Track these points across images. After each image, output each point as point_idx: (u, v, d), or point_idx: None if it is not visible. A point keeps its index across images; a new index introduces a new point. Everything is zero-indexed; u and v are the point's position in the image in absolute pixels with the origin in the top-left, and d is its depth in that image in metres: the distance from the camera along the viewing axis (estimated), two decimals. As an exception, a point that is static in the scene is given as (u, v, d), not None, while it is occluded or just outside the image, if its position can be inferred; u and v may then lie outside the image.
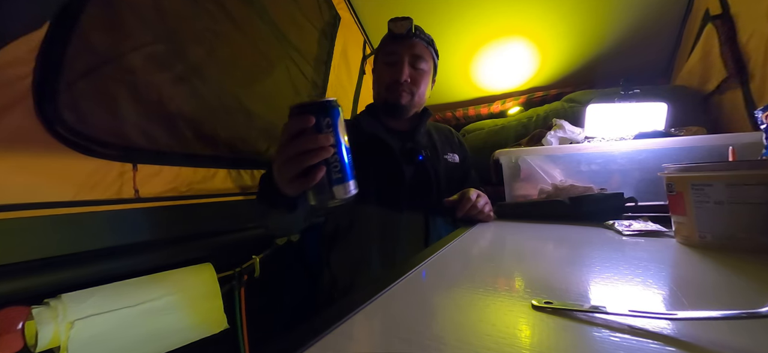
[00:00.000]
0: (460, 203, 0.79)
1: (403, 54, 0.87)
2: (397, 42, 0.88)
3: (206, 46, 0.85)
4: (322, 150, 0.41)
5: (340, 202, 0.44)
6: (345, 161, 0.43)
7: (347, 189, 0.44)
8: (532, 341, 0.23)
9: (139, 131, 0.72)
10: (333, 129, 0.42)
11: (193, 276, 0.75)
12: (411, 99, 0.89)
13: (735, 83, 1.00)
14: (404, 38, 0.87)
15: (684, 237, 0.48)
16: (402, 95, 0.87)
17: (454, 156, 0.98)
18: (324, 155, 0.42)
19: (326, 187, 0.43)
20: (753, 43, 0.92)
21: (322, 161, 0.42)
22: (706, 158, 0.82)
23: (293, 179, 0.43)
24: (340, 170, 0.43)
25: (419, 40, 0.88)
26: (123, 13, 0.66)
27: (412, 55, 0.87)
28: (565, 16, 1.39)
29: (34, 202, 0.56)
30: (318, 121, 0.41)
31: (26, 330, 0.52)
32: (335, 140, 0.42)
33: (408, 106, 0.89)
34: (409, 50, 0.87)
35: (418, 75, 0.89)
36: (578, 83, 1.59)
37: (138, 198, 0.71)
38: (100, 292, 0.60)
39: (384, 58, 0.90)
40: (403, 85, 0.87)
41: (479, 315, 0.28)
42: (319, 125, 0.41)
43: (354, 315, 0.29)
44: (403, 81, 0.86)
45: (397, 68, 0.87)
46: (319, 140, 0.41)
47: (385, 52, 0.90)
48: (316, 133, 0.41)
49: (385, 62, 0.89)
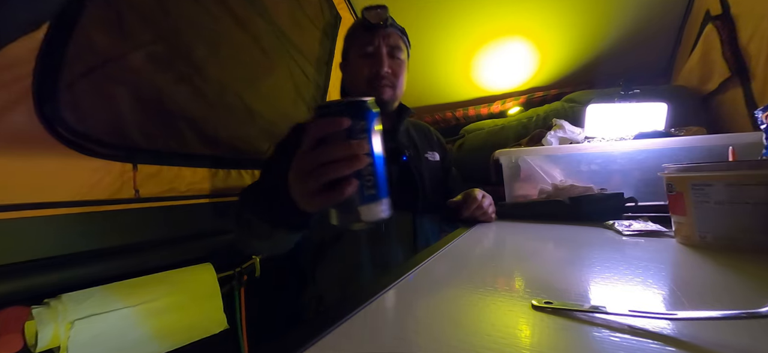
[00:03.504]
0: (466, 204, 0.78)
1: (381, 45, 0.80)
2: (373, 32, 0.81)
3: (207, 45, 0.85)
4: (356, 160, 0.35)
5: (367, 224, 0.37)
6: (380, 174, 0.37)
7: (380, 209, 0.37)
8: (532, 341, 0.23)
9: (139, 131, 0.72)
10: (367, 135, 0.36)
11: (193, 276, 0.75)
12: (393, 93, 0.83)
13: (736, 83, 1.00)
14: (380, 27, 0.80)
15: (684, 237, 0.47)
16: (384, 89, 0.81)
17: (435, 155, 0.94)
18: (357, 165, 0.35)
19: (355, 205, 0.36)
20: (754, 43, 0.92)
21: (354, 173, 0.35)
22: (706, 158, 0.82)
23: (316, 193, 0.37)
24: (374, 185, 0.36)
25: (394, 29, 0.83)
26: (123, 12, 0.66)
27: (390, 45, 0.81)
28: (565, 16, 1.39)
29: (34, 202, 0.56)
30: (352, 124, 0.35)
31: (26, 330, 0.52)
32: (370, 149, 0.36)
33: (391, 101, 0.83)
34: (386, 40, 0.81)
35: (398, 66, 0.83)
36: (578, 83, 1.59)
37: (138, 198, 0.71)
38: (100, 292, 0.60)
39: (359, 51, 0.81)
40: (385, 79, 0.80)
41: (479, 315, 0.28)
42: (352, 129, 0.35)
43: (354, 315, 0.29)
44: (384, 74, 0.80)
45: (377, 60, 0.79)
46: (352, 147, 0.35)
47: (359, 44, 0.82)
48: (348, 139, 0.35)
49: (361, 55, 0.81)
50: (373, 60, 0.80)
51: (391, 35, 0.82)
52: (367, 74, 0.80)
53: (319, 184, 0.36)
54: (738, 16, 0.99)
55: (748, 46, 0.95)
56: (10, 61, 0.52)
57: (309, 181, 0.37)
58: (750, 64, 0.95)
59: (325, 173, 0.35)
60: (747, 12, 0.95)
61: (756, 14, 0.91)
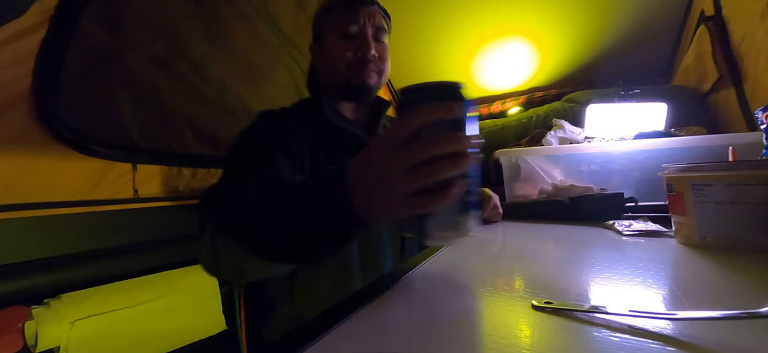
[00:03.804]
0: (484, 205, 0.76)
1: (366, 25, 0.70)
2: (355, 9, 0.70)
3: (207, 45, 0.85)
4: (466, 157, 0.29)
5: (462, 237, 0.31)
6: (477, 176, 0.31)
7: (474, 221, 0.32)
8: (532, 341, 0.23)
9: (139, 131, 0.72)
10: (464, 127, 0.30)
11: (193, 276, 0.75)
12: (379, 79, 0.73)
13: (728, 84, 1.00)
14: (364, 4, 0.70)
15: (684, 237, 0.47)
16: (371, 74, 0.70)
17: None
18: (467, 163, 0.29)
19: (456, 212, 0.30)
20: (746, 44, 0.92)
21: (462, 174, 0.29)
22: (706, 158, 0.82)
23: (410, 197, 0.30)
24: (473, 191, 0.31)
25: (378, 7, 0.73)
26: (123, 12, 0.66)
27: (375, 26, 0.71)
28: (565, 16, 1.39)
29: (34, 202, 0.56)
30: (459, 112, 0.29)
31: (26, 330, 0.52)
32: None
33: (376, 87, 0.73)
34: (371, 20, 0.70)
35: (383, 50, 0.73)
36: (578, 83, 1.59)
37: (137, 198, 0.71)
38: (100, 292, 0.60)
39: (340, 31, 0.70)
40: (372, 62, 0.70)
41: (479, 315, 0.28)
42: (457, 119, 0.29)
43: (353, 315, 0.29)
44: (372, 57, 0.70)
45: (363, 41, 0.69)
46: (463, 141, 0.29)
47: (339, 22, 0.70)
48: (455, 130, 0.29)
49: (342, 36, 0.70)
50: (357, 41, 0.70)
51: (376, 14, 0.72)
52: (350, 58, 0.70)
53: (418, 187, 0.29)
54: (730, 17, 0.99)
55: (740, 47, 0.95)
56: (10, 61, 0.52)
57: (409, 181, 0.29)
58: (742, 64, 0.95)
59: (436, 172, 0.29)
60: (739, 13, 0.95)
61: (748, 15, 0.91)
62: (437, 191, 0.29)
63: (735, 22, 0.97)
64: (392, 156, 0.30)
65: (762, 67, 0.86)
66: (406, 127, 0.29)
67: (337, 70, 0.71)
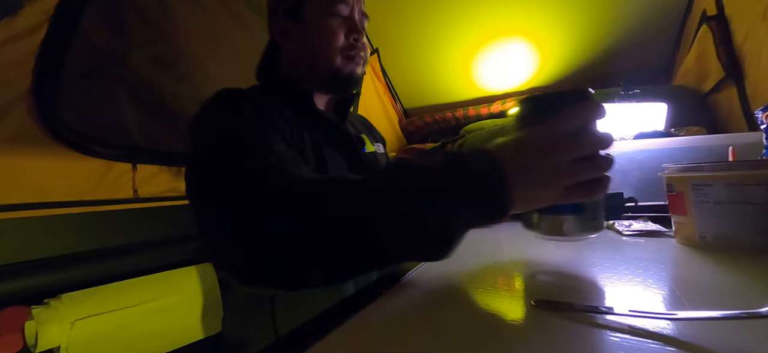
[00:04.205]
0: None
1: (355, 7, 0.62)
2: None
3: (207, 45, 0.85)
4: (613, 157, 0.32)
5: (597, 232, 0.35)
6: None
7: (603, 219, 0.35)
8: (532, 341, 0.23)
9: (139, 131, 0.72)
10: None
11: (193, 276, 0.75)
12: (363, 71, 0.66)
13: (730, 84, 1.00)
14: None
15: (684, 237, 0.47)
16: (360, 62, 0.63)
17: (380, 146, 0.78)
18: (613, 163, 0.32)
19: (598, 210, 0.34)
20: (748, 44, 0.92)
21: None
22: (706, 158, 0.82)
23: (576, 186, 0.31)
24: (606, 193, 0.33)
25: None
26: (123, 12, 0.66)
27: (361, 12, 0.64)
28: (565, 16, 1.39)
29: (34, 202, 0.56)
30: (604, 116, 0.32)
31: (26, 330, 0.52)
32: None
33: (360, 80, 0.66)
34: (358, 3, 0.63)
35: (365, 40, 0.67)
36: (578, 83, 1.59)
37: (137, 198, 0.71)
38: (100, 292, 0.60)
39: (328, 9, 0.60)
40: (363, 50, 0.64)
41: (479, 314, 0.28)
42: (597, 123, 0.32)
43: (353, 315, 0.29)
44: (363, 44, 0.63)
45: (354, 25, 0.61)
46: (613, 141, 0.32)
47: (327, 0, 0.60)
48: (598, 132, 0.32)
49: (330, 14, 0.60)
50: (347, 23, 0.61)
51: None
52: (343, 42, 0.61)
53: (585, 178, 0.31)
54: (732, 17, 0.99)
55: (742, 47, 0.95)
56: (10, 61, 0.52)
57: (573, 173, 0.31)
58: (744, 64, 0.95)
59: (598, 167, 0.31)
60: (741, 12, 0.95)
61: (750, 15, 0.91)
62: (592, 184, 0.31)
63: (737, 22, 0.97)
64: (559, 148, 0.30)
65: (763, 68, 0.86)
66: (571, 122, 0.31)
67: (324, 55, 0.61)
